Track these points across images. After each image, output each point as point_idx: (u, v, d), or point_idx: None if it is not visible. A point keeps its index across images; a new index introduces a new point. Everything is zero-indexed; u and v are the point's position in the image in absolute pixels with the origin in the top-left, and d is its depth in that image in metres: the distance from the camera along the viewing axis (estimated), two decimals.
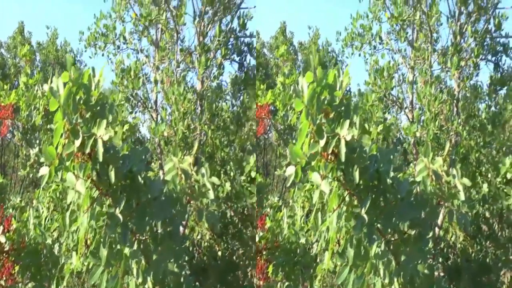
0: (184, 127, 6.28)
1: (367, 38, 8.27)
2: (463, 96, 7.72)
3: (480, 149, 7.56)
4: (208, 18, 7.21)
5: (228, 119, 7.24)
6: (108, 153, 4.29)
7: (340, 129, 4.07)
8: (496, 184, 7.40)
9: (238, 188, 7.07)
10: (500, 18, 7.30)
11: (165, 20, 7.00)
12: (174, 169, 5.52)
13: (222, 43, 7.19)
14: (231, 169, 7.26)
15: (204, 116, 6.90)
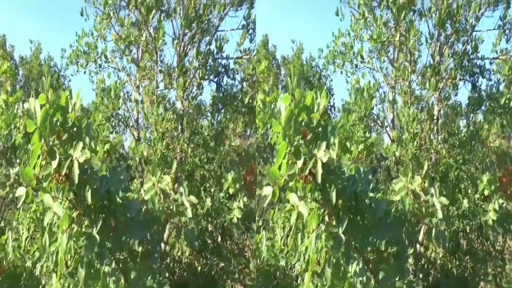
0: (162, 147, 6.30)
1: (349, 56, 8.32)
2: (444, 114, 7.81)
3: (460, 166, 7.63)
4: (188, 39, 7.27)
5: (208, 137, 7.27)
6: (85, 174, 4.30)
7: (317, 150, 4.10)
8: (475, 200, 7.48)
9: (217, 205, 7.09)
10: (476, 41, 7.41)
11: (145, 40, 7.04)
12: (153, 189, 5.54)
13: (201, 64, 7.26)
14: (211, 186, 7.29)
15: (184, 135, 6.93)
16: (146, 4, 7.03)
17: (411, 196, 5.99)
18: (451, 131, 7.75)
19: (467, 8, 7.26)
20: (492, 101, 7.54)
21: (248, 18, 7.62)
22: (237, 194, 7.00)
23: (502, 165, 7.54)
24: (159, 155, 6.21)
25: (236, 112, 7.54)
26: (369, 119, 7.52)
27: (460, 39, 7.47)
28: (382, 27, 7.36)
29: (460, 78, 7.53)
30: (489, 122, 7.45)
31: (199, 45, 7.35)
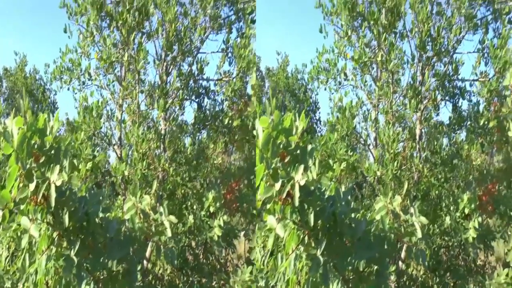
0: (143, 167, 6.31)
1: (332, 73, 8.33)
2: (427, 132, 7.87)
3: (442, 184, 7.71)
4: (170, 60, 7.33)
5: (190, 155, 7.30)
6: (63, 196, 4.30)
7: (295, 173, 4.13)
8: (456, 218, 7.55)
9: (198, 223, 7.11)
10: (457, 63, 7.53)
11: (127, 60, 7.07)
12: (133, 208, 5.55)
13: (182, 85, 7.31)
14: (193, 204, 7.31)
15: (166, 154, 6.95)
16: (128, 24, 7.05)
17: (391, 215, 6.03)
18: (433, 150, 7.82)
19: (448, 31, 7.37)
20: (472, 121, 7.65)
21: (227, 42, 7.75)
22: (217, 212, 7.03)
23: (482, 183, 7.63)
24: (139, 176, 6.21)
25: (217, 132, 7.57)
26: (351, 138, 7.56)
27: (442, 60, 7.57)
28: (364, 48, 7.40)
29: (441, 98, 7.64)
30: (469, 142, 7.53)
31: (180, 66, 7.41)
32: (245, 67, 7.35)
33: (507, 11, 7.32)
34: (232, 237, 7.60)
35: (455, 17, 7.33)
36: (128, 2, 7.23)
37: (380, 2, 7.37)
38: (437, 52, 7.33)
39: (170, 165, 6.91)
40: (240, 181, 7.56)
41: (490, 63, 7.41)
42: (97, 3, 7.28)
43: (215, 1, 7.50)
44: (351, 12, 7.48)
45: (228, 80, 7.58)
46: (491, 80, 7.35)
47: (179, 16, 7.44)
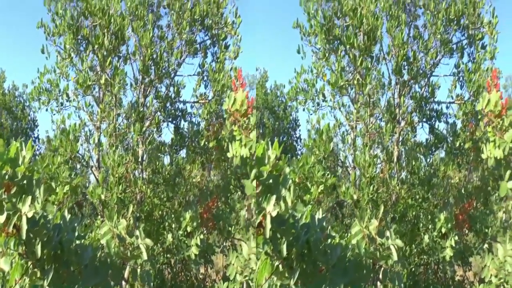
0: (119, 191, 6.31)
1: (311, 94, 8.26)
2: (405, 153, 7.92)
3: (420, 204, 7.78)
4: (147, 83, 7.35)
5: (168, 176, 7.32)
6: (36, 226, 4.27)
7: (267, 204, 4.16)
8: (433, 237, 7.63)
9: (176, 242, 7.13)
10: (433, 86, 7.63)
11: (104, 83, 7.07)
12: (109, 233, 5.54)
13: (160, 107, 7.34)
14: (171, 224, 7.32)
15: (143, 175, 6.96)
16: (105, 47, 7.05)
17: (367, 239, 6.07)
18: (411, 171, 7.89)
19: (425, 54, 7.47)
20: (450, 143, 7.75)
21: (203, 66, 7.83)
22: (194, 231, 7.06)
23: (459, 202, 7.72)
24: (115, 200, 6.20)
25: (194, 153, 7.60)
26: (328, 160, 7.58)
27: (419, 82, 7.66)
28: (341, 71, 7.44)
29: (418, 120, 7.73)
30: (445, 164, 7.63)
31: (158, 89, 7.44)
32: (220, 90, 7.39)
33: (481, 37, 7.45)
34: (210, 254, 7.63)
35: (431, 41, 7.42)
36: (105, 26, 7.22)
37: (356, 26, 7.39)
38: (413, 75, 7.40)
39: (148, 187, 6.91)
40: (217, 199, 7.59)
41: (465, 86, 7.53)
42: (74, 26, 7.26)
43: (191, 26, 7.55)
44: (327, 36, 7.49)
45: (204, 103, 7.62)
46: (466, 103, 7.47)
47: (156, 39, 7.49)
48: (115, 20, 7.21)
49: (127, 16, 7.35)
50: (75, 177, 6.82)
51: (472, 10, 7.40)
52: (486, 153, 6.84)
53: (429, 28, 7.55)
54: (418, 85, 7.70)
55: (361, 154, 7.15)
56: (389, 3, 7.45)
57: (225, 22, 7.78)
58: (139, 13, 7.43)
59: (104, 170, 6.81)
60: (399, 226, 7.48)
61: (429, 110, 7.85)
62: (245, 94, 5.96)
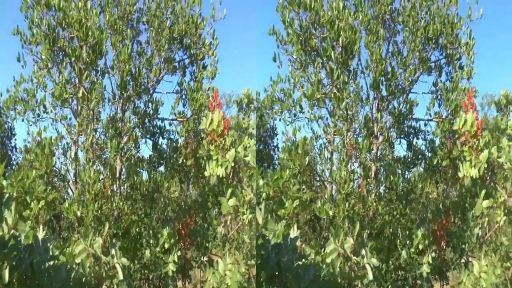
0: (95, 208, 6.24)
1: (287, 104, 7.92)
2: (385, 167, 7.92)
3: (398, 220, 7.78)
4: (125, 98, 7.30)
5: (146, 192, 7.28)
6: (5, 248, 4.22)
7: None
8: (410, 254, 7.66)
9: (153, 259, 7.09)
10: (411, 103, 7.66)
11: (81, 97, 6.96)
12: (84, 252, 5.52)
13: (138, 123, 7.30)
14: (149, 240, 7.28)
15: (120, 192, 6.92)
16: (83, 60, 6.97)
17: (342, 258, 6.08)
18: (389, 186, 7.89)
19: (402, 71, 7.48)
20: (427, 160, 7.79)
21: (181, 85, 7.79)
22: (172, 248, 7.03)
23: (437, 218, 7.76)
24: (91, 218, 6.15)
25: (173, 170, 7.57)
26: (304, 175, 7.52)
27: (398, 98, 7.67)
28: (317, 84, 7.29)
29: (396, 137, 7.74)
30: (422, 181, 7.66)
31: (136, 105, 7.40)
32: (198, 109, 7.38)
33: (458, 57, 7.51)
34: (188, 269, 7.61)
35: (410, 58, 7.43)
36: (82, 38, 7.10)
37: (334, 38, 7.25)
38: (391, 91, 7.41)
39: (125, 203, 6.87)
40: (196, 215, 7.56)
41: (443, 105, 7.57)
42: (50, 36, 7.10)
43: (170, 44, 7.54)
44: (304, 46, 7.35)
45: (182, 121, 7.61)
46: (444, 121, 7.51)
47: (134, 54, 7.45)
48: (93, 33, 7.10)
49: (105, 29, 7.25)
50: (51, 191, 6.71)
51: (450, 31, 7.44)
52: (463, 171, 6.94)
53: (408, 45, 7.57)
54: (396, 101, 7.69)
55: (337, 170, 7.11)
56: (367, 17, 7.39)
57: (203, 43, 7.77)
58: (118, 27, 7.36)
59: (81, 185, 6.72)
60: (376, 243, 7.49)
61: (407, 127, 7.86)
62: (221, 115, 6.01)
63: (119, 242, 6.21)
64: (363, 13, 7.40)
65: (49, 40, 7.10)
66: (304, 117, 7.82)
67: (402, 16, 7.63)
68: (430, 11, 7.59)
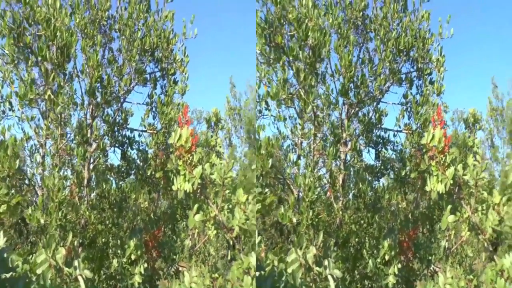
0: (58, 217, 6.13)
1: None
2: (354, 173, 7.89)
3: (365, 229, 7.82)
4: (94, 106, 7.20)
5: (115, 201, 7.20)
6: None
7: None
8: (376, 264, 7.71)
9: (120, 270, 7.02)
10: (381, 112, 7.68)
11: (48, 99, 6.79)
12: (46, 263, 5.44)
13: (107, 131, 7.21)
14: (116, 251, 7.20)
15: (87, 201, 6.82)
16: (49, 61, 6.76)
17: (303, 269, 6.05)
18: (358, 194, 7.92)
19: (373, 80, 7.47)
20: (395, 171, 7.82)
21: (151, 97, 7.75)
22: (138, 259, 6.97)
23: (405, 228, 7.81)
24: (54, 226, 6.05)
25: (141, 181, 7.51)
26: (267, 177, 7.34)
27: (369, 105, 7.67)
28: (282, 84, 7.04)
29: (365, 145, 7.74)
30: (389, 192, 7.70)
31: (105, 113, 7.30)
32: (167, 123, 7.33)
33: (429, 72, 7.56)
34: (156, 280, 7.56)
35: (380, 67, 7.42)
36: (50, 38, 6.87)
37: (301, 38, 6.99)
38: (361, 99, 7.39)
39: (91, 212, 6.78)
40: (165, 226, 7.51)
41: (412, 118, 7.61)
42: (15, 31, 6.82)
43: (141, 55, 7.46)
44: (267, 41, 7.12)
45: (152, 133, 7.55)
46: (414, 134, 7.55)
47: (105, 61, 7.34)
48: (61, 34, 6.89)
49: (75, 32, 7.08)
50: (15, 195, 6.51)
51: (422, 45, 7.48)
52: (430, 186, 7.02)
53: (378, 54, 7.54)
54: (366, 109, 7.67)
55: (302, 177, 7.00)
56: (338, 21, 7.31)
57: (174, 58, 7.73)
58: (88, 31, 7.24)
59: (46, 192, 6.59)
60: (342, 252, 7.52)
61: (376, 136, 7.86)
62: (190, 131, 6.02)
63: (84, 252, 6.13)
64: (333, 15, 7.29)
65: (13, 35, 6.80)
66: (270, 115, 7.62)
67: (374, 24, 7.62)
68: (402, 23, 7.61)
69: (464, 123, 8.40)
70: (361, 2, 7.50)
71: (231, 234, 5.84)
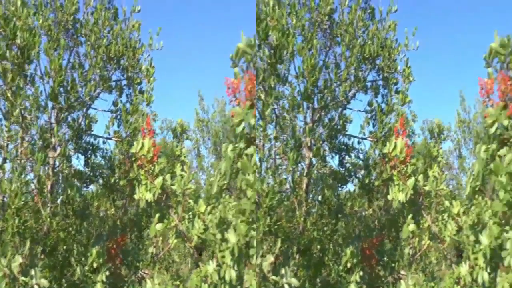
0: (15, 224, 5.99)
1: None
2: (315, 181, 7.87)
3: (328, 236, 7.80)
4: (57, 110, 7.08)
5: (78, 208, 7.10)
6: None
7: None
8: (338, 272, 7.70)
9: (81, 278, 6.94)
10: (345, 119, 7.68)
11: (7, 99, 6.59)
12: (0, 272, 5.38)
13: (71, 137, 7.11)
14: (78, 258, 7.11)
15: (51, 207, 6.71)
16: (8, 60, 6.58)
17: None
18: (322, 201, 7.88)
19: (337, 85, 7.42)
20: (358, 179, 7.82)
21: (116, 105, 7.67)
22: (101, 267, 6.88)
23: (368, 237, 7.84)
24: (11, 234, 5.93)
25: (106, 188, 7.42)
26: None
27: (335, 111, 7.66)
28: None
29: (328, 152, 7.72)
30: (352, 199, 7.71)
31: (67, 118, 7.19)
32: (132, 132, 7.27)
33: (395, 82, 7.57)
34: (120, 287, 7.48)
35: (346, 73, 7.40)
36: (9, 37, 6.68)
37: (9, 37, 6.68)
38: (324, 104, 7.36)
39: (53, 219, 6.67)
40: (131, 233, 7.43)
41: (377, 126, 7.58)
42: None
43: (106, 62, 7.37)
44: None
45: (117, 141, 7.47)
46: (379, 142, 7.55)
47: (69, 65, 7.23)
48: (22, 34, 6.72)
49: (38, 33, 6.91)
50: None
51: (388, 55, 7.50)
52: (392, 195, 7.11)
53: (344, 60, 7.48)
54: (329, 115, 7.64)
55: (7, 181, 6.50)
56: (301, 23, 7.29)
57: (140, 68, 7.65)
58: (53, 34, 7.11)
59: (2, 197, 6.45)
60: (303, 260, 7.50)
61: (339, 143, 7.82)
62: (151, 141, 6.04)
63: (42, 261, 6.05)
64: (297, 16, 7.24)
65: None
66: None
67: (340, 29, 7.58)
68: (368, 31, 7.61)
69: (429, 133, 8.46)
70: (327, 6, 7.47)
71: (190, 243, 5.86)
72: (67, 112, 7.14)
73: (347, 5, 7.59)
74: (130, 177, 6.77)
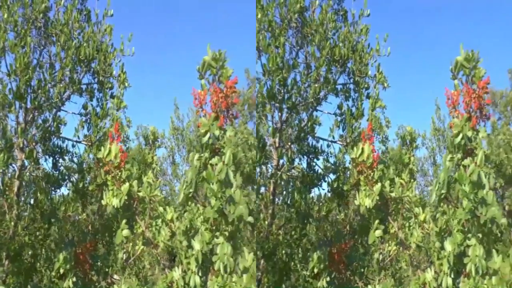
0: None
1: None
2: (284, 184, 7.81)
3: (295, 241, 7.75)
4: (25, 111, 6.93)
5: (46, 212, 6.97)
6: None
7: None
8: (305, 277, 7.68)
9: (48, 284, 6.82)
10: (314, 121, 7.66)
11: None
12: None
13: (39, 139, 6.98)
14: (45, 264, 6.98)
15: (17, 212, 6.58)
16: None
17: None
18: (290, 204, 7.83)
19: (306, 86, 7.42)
20: (328, 183, 7.80)
21: (85, 109, 7.57)
22: (68, 273, 6.75)
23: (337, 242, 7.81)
24: None
25: (74, 192, 7.29)
26: None
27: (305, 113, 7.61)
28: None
29: (296, 155, 7.68)
30: (327, 204, 7.67)
31: (35, 119, 7.04)
32: (101, 137, 7.18)
33: (367, 86, 7.54)
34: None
35: (314, 75, 7.36)
36: None
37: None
38: (292, 105, 7.29)
39: (18, 222, 6.55)
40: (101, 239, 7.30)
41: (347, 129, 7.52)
42: None
43: (75, 65, 7.25)
44: None
45: (87, 144, 7.36)
46: (348, 146, 7.52)
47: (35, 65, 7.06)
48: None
49: (3, 28, 6.76)
50: None
51: (359, 59, 7.48)
52: (359, 200, 7.13)
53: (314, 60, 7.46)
54: (298, 117, 7.62)
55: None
56: (269, 18, 7.31)
57: (111, 73, 7.54)
58: (21, 30, 6.93)
59: None
60: (268, 265, 7.45)
61: (307, 146, 7.77)
62: (119, 147, 5.99)
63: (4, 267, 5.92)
64: (9, 11, 6.98)
65: None
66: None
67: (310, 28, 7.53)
68: (340, 33, 7.56)
69: (401, 140, 8.51)
70: (41, 4, 7.23)
71: (156, 250, 5.84)
72: (36, 112, 7.01)
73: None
74: (98, 182, 6.68)
